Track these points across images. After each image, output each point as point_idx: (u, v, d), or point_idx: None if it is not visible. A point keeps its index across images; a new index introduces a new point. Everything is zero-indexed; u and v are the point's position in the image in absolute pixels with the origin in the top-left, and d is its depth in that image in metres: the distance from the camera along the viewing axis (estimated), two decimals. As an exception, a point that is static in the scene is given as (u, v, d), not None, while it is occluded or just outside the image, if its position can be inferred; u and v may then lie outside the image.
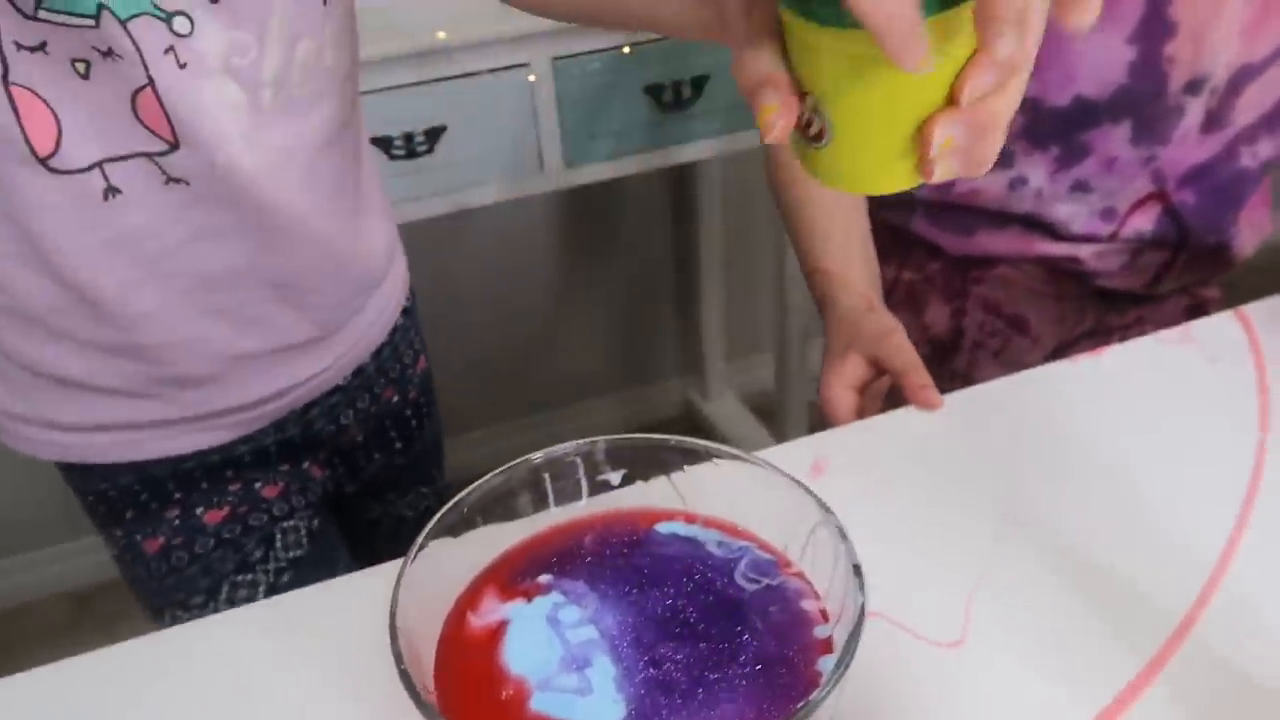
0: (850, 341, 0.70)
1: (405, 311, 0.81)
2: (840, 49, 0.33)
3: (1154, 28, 0.71)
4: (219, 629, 0.52)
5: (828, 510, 0.41)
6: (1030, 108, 0.77)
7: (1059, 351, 0.88)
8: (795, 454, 0.58)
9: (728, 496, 0.46)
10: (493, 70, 1.24)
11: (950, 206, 0.85)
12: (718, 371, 1.94)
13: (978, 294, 0.88)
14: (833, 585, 0.40)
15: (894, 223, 0.89)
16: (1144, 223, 0.82)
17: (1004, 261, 0.86)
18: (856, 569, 0.38)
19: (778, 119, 0.34)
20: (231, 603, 0.72)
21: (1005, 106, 0.34)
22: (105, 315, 0.61)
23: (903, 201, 0.88)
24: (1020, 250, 0.85)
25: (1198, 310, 0.89)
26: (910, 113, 0.34)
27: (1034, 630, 0.47)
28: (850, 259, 0.77)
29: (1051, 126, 0.77)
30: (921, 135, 0.34)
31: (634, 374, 1.95)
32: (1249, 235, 0.87)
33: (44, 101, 0.51)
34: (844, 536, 0.40)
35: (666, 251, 1.86)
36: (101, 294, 0.60)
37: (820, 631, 0.40)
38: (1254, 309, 0.68)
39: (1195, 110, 0.76)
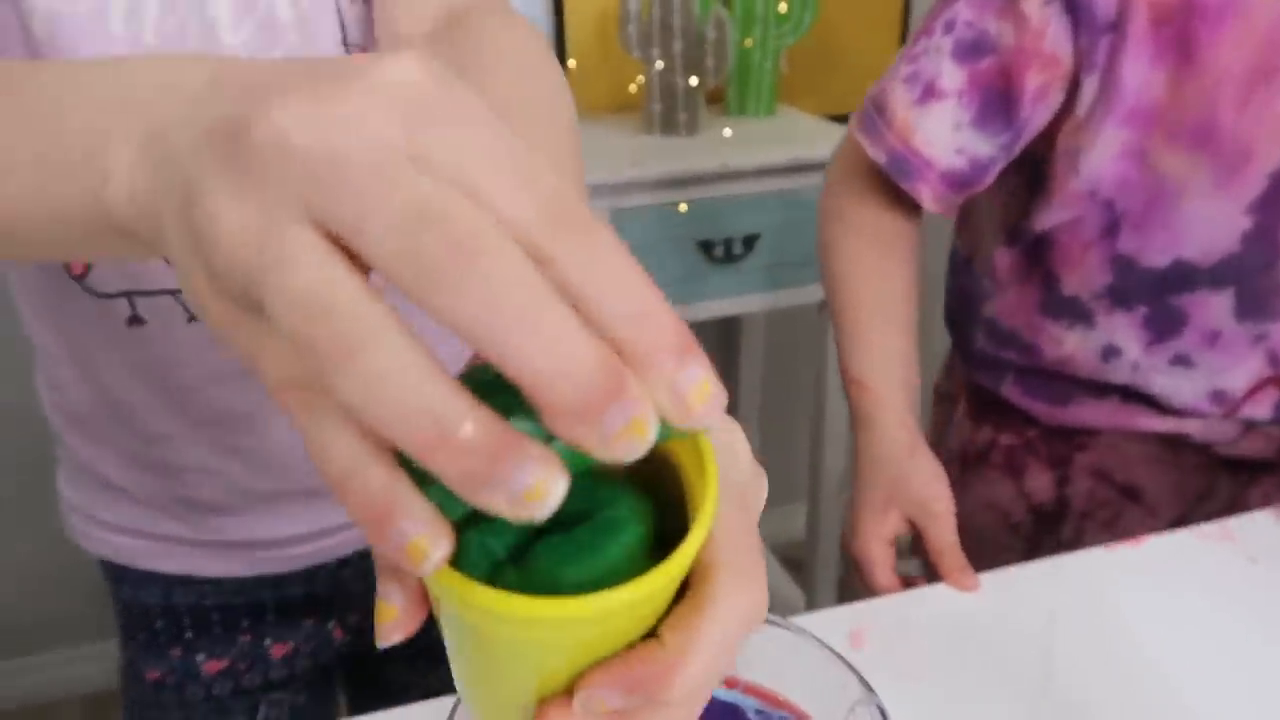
0: (892, 496, 0.69)
1: None
2: (441, 601, 0.25)
3: (1278, 201, 0.69)
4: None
5: (869, 689, 0.42)
6: (1120, 265, 0.74)
7: (1180, 523, 0.82)
8: (833, 622, 0.59)
9: (767, 663, 0.47)
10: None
11: (1042, 373, 0.81)
12: (749, 520, 1.93)
13: (1084, 461, 0.83)
14: (871, 765, 0.41)
15: (985, 384, 0.86)
16: (1260, 410, 0.77)
17: (1109, 431, 0.82)
18: (896, 752, 0.39)
19: (393, 630, 0.25)
20: None
21: None
22: (131, 428, 0.64)
23: (992, 364, 0.84)
24: (1120, 424, 0.80)
25: None
26: (522, 692, 0.26)
27: (1069, 826, 0.47)
28: (891, 378, 0.74)
29: (1141, 286, 0.74)
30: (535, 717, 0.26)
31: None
32: None
33: None
34: (885, 717, 0.41)
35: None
36: (127, 409, 0.63)
37: (856, 811, 0.41)
38: (1293, 509, 0.69)
39: None
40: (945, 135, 0.71)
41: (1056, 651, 0.57)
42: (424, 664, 0.80)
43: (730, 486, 0.27)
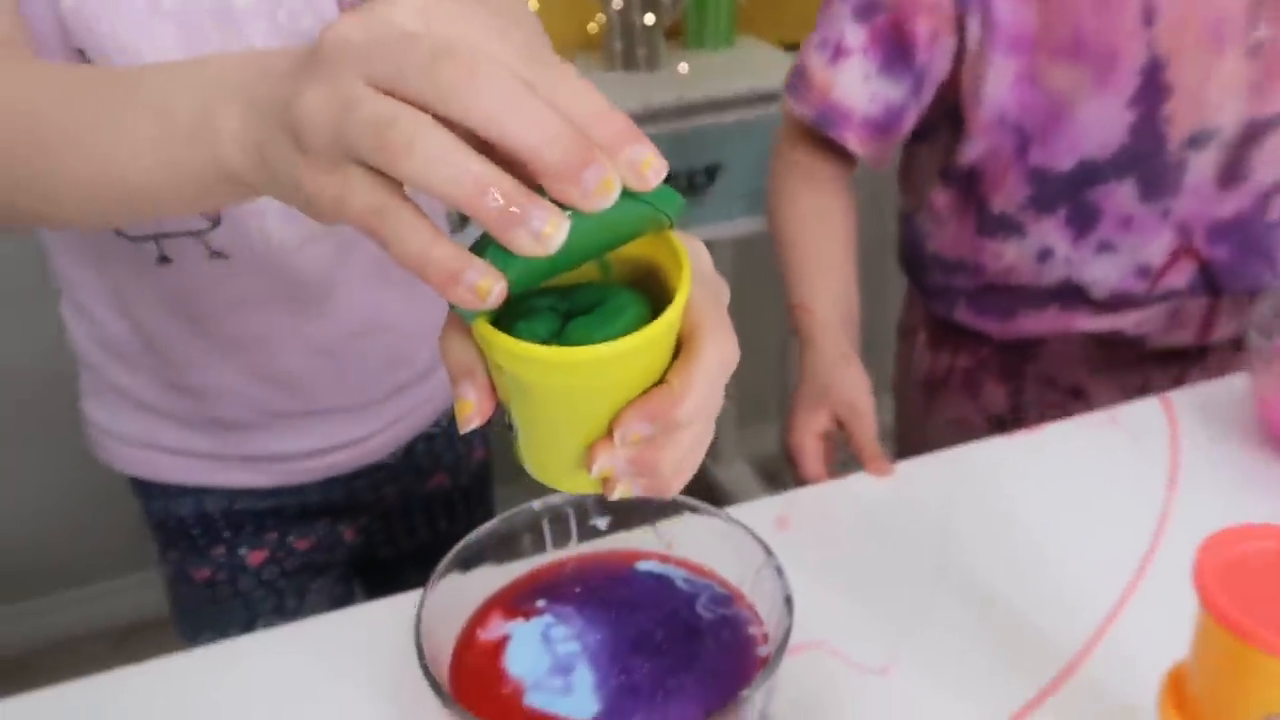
0: (824, 398, 0.77)
1: None
2: (508, 368, 0.33)
3: (1151, 92, 0.78)
4: (256, 646, 0.61)
5: (770, 553, 0.51)
6: (1036, 177, 0.83)
7: None
8: (762, 508, 0.68)
9: (696, 543, 0.55)
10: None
11: (989, 289, 0.90)
12: (728, 437, 2.03)
13: (1033, 371, 0.93)
14: (771, 614, 0.50)
15: (940, 313, 0.95)
16: (1178, 279, 0.85)
17: (1054, 337, 0.91)
18: (788, 600, 0.48)
19: (473, 417, 0.35)
20: None
21: (670, 460, 0.36)
22: (163, 355, 0.73)
23: (944, 293, 0.94)
24: (1062, 328, 0.89)
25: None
26: (576, 437, 0.36)
27: (949, 661, 0.56)
28: (830, 302, 0.83)
29: (1057, 190, 0.83)
30: (587, 458, 0.36)
31: (648, 438, 2.04)
32: None
33: None
34: (781, 574, 0.49)
35: (681, 323, 1.96)
36: (159, 338, 0.72)
37: (761, 651, 0.50)
38: (1177, 396, 0.77)
39: (1203, 164, 0.81)
40: (858, 86, 0.81)
41: (955, 529, 0.66)
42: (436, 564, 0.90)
43: (701, 274, 0.37)
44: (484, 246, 0.31)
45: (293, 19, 0.64)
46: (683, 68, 1.51)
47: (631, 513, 0.57)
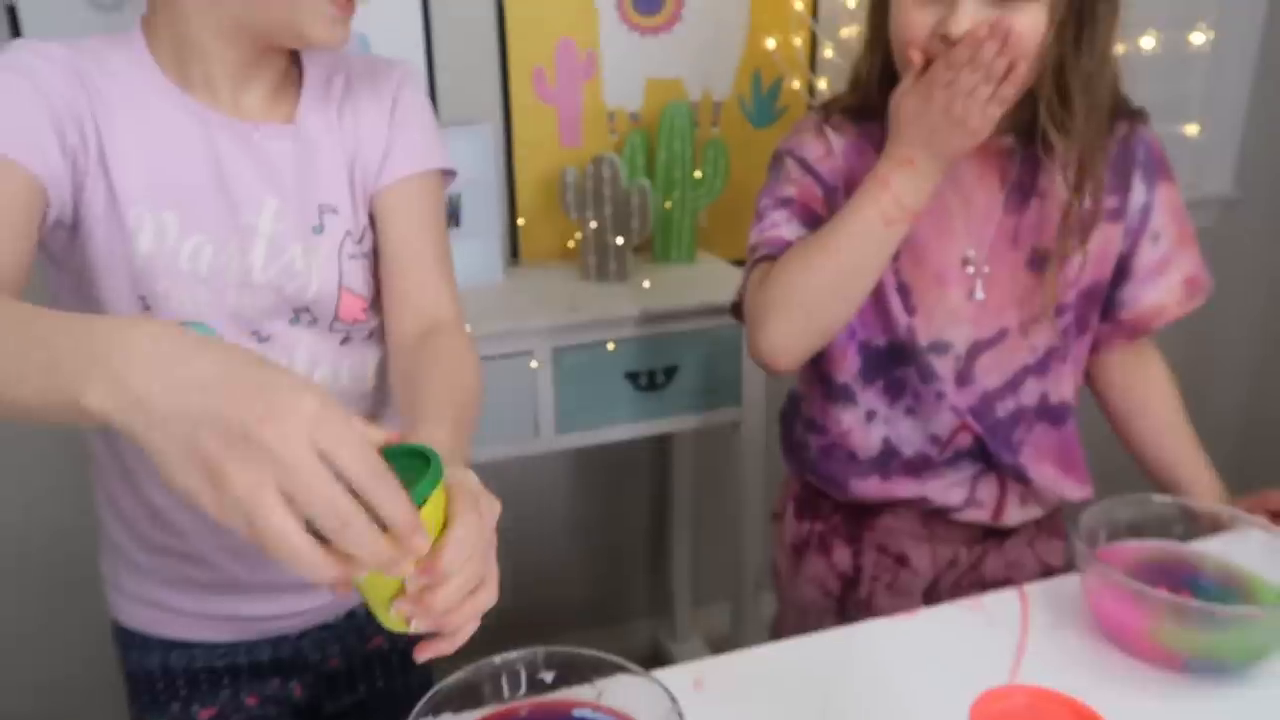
0: None
1: None
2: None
3: (906, 306, 1.06)
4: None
5: (675, 701, 0.65)
6: (861, 350, 1.09)
7: (935, 581, 1.15)
8: (683, 671, 0.82)
9: (623, 694, 0.70)
10: (503, 355, 1.55)
11: (832, 448, 1.13)
12: (684, 616, 2.15)
13: (870, 538, 1.16)
14: (675, 751, 0.64)
15: (798, 473, 1.17)
16: (963, 443, 1.08)
17: (885, 510, 1.13)
18: (685, 738, 0.62)
19: (338, 589, 0.54)
20: None
21: (442, 600, 0.56)
22: (161, 525, 0.89)
23: (802, 448, 1.16)
24: (884, 494, 1.11)
25: (1036, 559, 1.16)
26: (385, 595, 0.57)
27: (824, 802, 0.70)
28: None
29: (875, 364, 1.09)
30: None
31: (609, 614, 2.16)
32: (1040, 475, 1.09)
33: None
34: (682, 717, 0.64)
35: (643, 509, 2.12)
36: (159, 511, 0.88)
37: (666, 780, 0.64)
38: (1031, 588, 0.93)
39: (943, 366, 1.06)
40: (784, 230, 1.06)
41: (836, 689, 0.80)
42: (375, 717, 1.03)
43: (462, 484, 0.58)
44: None
45: (298, 294, 0.83)
46: (646, 283, 1.73)
47: (571, 669, 0.72)
